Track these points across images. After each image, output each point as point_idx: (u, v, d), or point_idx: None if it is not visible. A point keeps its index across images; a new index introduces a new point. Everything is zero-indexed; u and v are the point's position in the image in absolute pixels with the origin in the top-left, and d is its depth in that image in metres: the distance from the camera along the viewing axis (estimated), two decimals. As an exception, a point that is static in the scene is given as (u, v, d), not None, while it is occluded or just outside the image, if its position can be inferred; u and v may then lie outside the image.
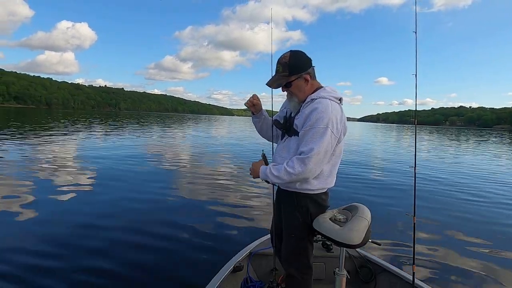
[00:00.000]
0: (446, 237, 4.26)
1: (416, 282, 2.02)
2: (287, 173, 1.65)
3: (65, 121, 31.09)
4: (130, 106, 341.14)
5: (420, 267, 3.21)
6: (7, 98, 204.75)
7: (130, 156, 9.98)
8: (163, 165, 8.91)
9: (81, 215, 4.37)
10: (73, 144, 12.62)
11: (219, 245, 3.62)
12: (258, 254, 2.52)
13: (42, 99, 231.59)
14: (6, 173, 6.68)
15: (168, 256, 3.30)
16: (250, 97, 2.01)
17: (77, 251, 3.30)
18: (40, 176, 6.58)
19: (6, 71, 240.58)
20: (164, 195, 5.63)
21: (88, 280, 2.78)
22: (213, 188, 6.30)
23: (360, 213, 1.72)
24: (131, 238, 3.70)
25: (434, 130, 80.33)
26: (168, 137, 19.15)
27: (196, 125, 39.86)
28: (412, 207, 2.10)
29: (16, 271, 2.85)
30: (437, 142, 27.85)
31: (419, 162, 10.39)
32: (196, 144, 15.92)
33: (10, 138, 13.03)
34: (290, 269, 1.88)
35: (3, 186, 5.58)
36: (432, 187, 7.39)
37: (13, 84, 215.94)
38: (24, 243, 3.44)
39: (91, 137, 16.10)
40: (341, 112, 1.71)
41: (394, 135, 38.86)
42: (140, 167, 8.22)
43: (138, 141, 15.64)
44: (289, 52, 1.76)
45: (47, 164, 7.87)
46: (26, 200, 4.87)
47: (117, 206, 4.88)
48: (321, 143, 1.60)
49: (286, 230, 1.88)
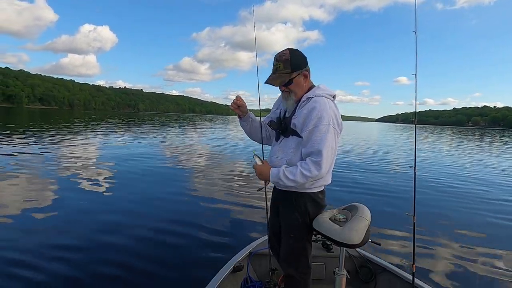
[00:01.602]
0: (446, 237, 4.23)
1: (416, 282, 2.01)
2: (303, 176, 1.63)
3: (87, 121, 32.04)
4: (149, 107, 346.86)
5: (420, 267, 3.19)
6: (32, 99, 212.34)
7: (136, 155, 10.22)
8: (164, 165, 8.95)
9: (91, 213, 4.55)
10: (97, 144, 13.05)
11: (219, 245, 3.62)
12: (258, 254, 2.52)
13: (65, 101, 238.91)
14: (36, 171, 7.00)
15: (168, 256, 3.31)
16: (234, 99, 1.94)
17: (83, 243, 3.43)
18: (67, 174, 6.90)
19: (32, 74, 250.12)
20: (164, 195, 5.66)
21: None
22: (213, 188, 6.33)
23: (360, 213, 1.73)
24: (130, 237, 3.71)
25: (457, 131, 77.88)
26: (179, 137, 19.35)
27: (210, 126, 40.41)
28: (412, 207, 2.08)
29: (41, 264, 2.98)
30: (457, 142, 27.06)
31: (431, 164, 10.08)
32: (204, 144, 16.08)
33: (39, 138, 13.61)
34: (289, 269, 1.88)
35: (31, 184, 5.84)
36: (435, 187, 7.30)
37: (38, 86, 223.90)
38: (48, 237, 3.59)
39: (114, 137, 16.63)
40: (337, 109, 1.72)
41: (409, 136, 37.94)
42: (141, 168, 8.27)
43: (150, 140, 15.94)
44: (287, 50, 1.75)
45: (78, 163, 8.30)
46: (50, 197, 5.11)
47: (113, 205, 4.96)
48: (327, 141, 1.61)
49: (285, 231, 1.87)
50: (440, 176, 9.01)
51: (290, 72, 1.72)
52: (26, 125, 21.90)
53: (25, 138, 13.62)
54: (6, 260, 3.04)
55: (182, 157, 10.66)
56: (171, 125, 37.07)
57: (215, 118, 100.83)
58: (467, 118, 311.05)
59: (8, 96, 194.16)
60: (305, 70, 1.76)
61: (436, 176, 8.84)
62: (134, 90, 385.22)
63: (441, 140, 31.47)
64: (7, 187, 5.61)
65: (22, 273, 2.84)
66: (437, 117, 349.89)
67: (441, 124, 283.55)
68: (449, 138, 37.20)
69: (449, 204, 5.96)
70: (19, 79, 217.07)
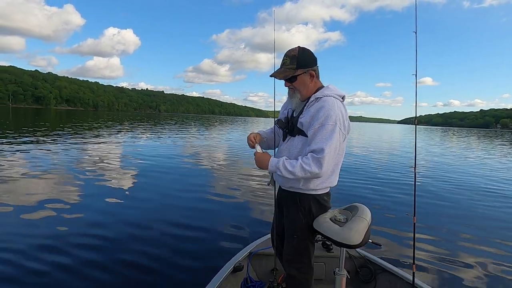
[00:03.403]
0: (446, 237, 4.20)
1: (416, 282, 1.99)
2: (303, 170, 1.61)
3: (111, 122, 32.97)
4: (169, 108, 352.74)
5: (420, 267, 3.18)
6: (59, 101, 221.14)
7: (150, 155, 10.42)
8: (166, 165, 8.86)
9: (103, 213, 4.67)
10: (121, 144, 13.44)
11: (219, 245, 3.62)
12: (258, 254, 2.52)
13: (90, 102, 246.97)
14: (65, 169, 7.31)
15: (167, 256, 3.30)
16: (248, 140, 1.97)
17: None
18: (92, 171, 7.19)
19: (59, 76, 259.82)
20: (163, 195, 5.66)
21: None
22: (213, 188, 6.35)
23: (360, 213, 1.72)
24: (127, 237, 3.74)
25: (484, 133, 74.89)
26: (194, 138, 19.50)
27: (230, 126, 40.54)
28: (412, 207, 2.07)
29: (67, 263, 3.07)
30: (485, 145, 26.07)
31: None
32: (215, 144, 16.16)
33: (68, 138, 14.24)
34: (291, 270, 1.88)
35: (56, 184, 6.04)
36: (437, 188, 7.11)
37: (64, 88, 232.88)
38: (74, 235, 3.67)
39: (138, 137, 17.13)
40: (345, 110, 1.71)
41: (429, 139, 36.78)
42: (141, 167, 8.28)
43: (168, 140, 16.20)
44: (297, 47, 1.75)
45: (102, 160, 8.66)
46: (75, 194, 5.30)
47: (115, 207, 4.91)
48: (332, 141, 1.60)
49: (288, 231, 1.87)
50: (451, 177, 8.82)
51: (295, 68, 1.72)
52: (55, 126, 22.80)
53: (58, 136, 14.29)
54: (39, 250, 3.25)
55: (193, 157, 10.70)
56: (190, 125, 37.54)
57: (234, 120, 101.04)
58: (495, 120, 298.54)
59: (37, 97, 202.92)
60: (312, 70, 1.75)
61: (446, 178, 8.67)
62: (155, 92, 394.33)
63: (461, 141, 30.35)
64: (38, 182, 5.93)
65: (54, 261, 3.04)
66: (463, 119, 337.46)
67: (467, 126, 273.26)
68: (470, 140, 35.77)
69: (450, 204, 5.95)
70: (47, 82, 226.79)
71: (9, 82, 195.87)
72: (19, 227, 3.88)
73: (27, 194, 5.20)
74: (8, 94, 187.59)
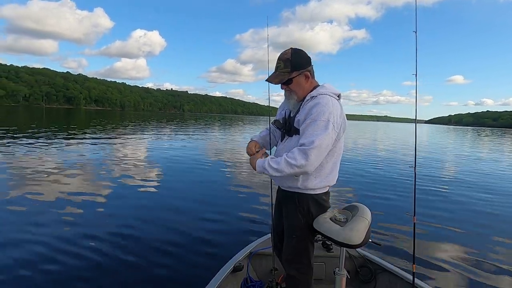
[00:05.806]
0: (446, 237, 4.16)
1: (416, 282, 1.99)
2: (288, 165, 1.60)
3: (138, 121, 34.01)
4: (193, 108, 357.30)
5: (420, 267, 3.15)
6: (88, 101, 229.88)
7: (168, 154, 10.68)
8: (167, 165, 8.92)
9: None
10: (146, 142, 14.10)
11: (219, 245, 3.63)
12: (258, 254, 2.52)
13: (117, 102, 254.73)
14: (93, 167, 7.79)
15: (167, 256, 3.33)
16: (248, 150, 1.96)
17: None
18: (119, 170, 7.56)
19: (89, 77, 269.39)
20: (163, 195, 5.71)
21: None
22: (213, 188, 6.40)
23: (360, 213, 1.73)
24: (126, 236, 3.77)
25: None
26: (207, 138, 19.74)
27: (252, 126, 40.71)
28: (412, 207, 2.07)
29: (89, 255, 3.25)
30: None
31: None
32: (223, 144, 16.27)
33: (97, 137, 14.95)
34: (290, 270, 1.89)
35: (84, 182, 6.37)
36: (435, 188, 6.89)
37: (93, 89, 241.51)
38: (96, 231, 3.85)
39: (163, 136, 17.84)
40: (341, 108, 1.71)
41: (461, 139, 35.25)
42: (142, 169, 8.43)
43: (189, 139, 16.51)
44: (290, 49, 1.76)
45: (129, 158, 9.23)
46: (101, 193, 5.57)
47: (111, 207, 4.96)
48: (323, 135, 1.59)
49: (287, 231, 1.88)
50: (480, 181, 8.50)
51: (289, 71, 1.73)
52: (86, 126, 24.04)
53: (92, 134, 15.19)
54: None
55: (194, 157, 10.64)
56: (214, 125, 38.09)
57: (255, 119, 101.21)
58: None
59: (68, 98, 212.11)
60: (307, 71, 1.76)
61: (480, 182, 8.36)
62: (180, 92, 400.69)
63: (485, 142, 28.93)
64: (69, 180, 6.32)
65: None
66: (496, 119, 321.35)
67: (500, 126, 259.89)
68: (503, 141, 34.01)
69: (451, 205, 5.86)
70: (77, 83, 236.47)
71: (43, 83, 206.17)
72: (60, 218, 4.29)
73: (69, 185, 5.83)
74: (42, 95, 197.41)
